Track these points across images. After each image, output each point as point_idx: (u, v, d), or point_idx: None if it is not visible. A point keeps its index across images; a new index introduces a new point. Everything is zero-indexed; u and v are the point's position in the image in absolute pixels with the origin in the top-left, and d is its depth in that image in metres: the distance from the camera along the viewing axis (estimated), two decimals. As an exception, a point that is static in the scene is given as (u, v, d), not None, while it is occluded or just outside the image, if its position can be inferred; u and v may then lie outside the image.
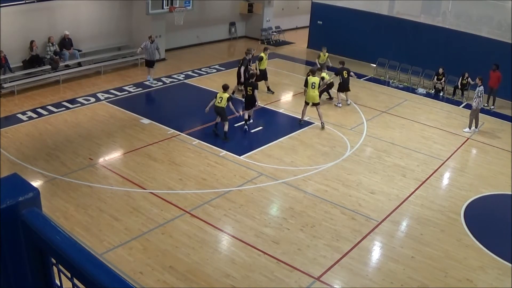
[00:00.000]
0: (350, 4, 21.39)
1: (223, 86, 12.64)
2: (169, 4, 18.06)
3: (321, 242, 8.59)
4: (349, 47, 21.29)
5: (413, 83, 18.61)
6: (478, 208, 10.29)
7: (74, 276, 1.32)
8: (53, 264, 1.47)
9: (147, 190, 9.91)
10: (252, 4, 24.10)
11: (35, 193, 1.47)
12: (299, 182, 10.68)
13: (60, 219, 8.57)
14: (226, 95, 12.41)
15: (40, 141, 11.86)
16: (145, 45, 16.21)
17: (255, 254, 8.12)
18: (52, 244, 1.36)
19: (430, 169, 11.72)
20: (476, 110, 13.99)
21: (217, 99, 12.39)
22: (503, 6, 18.48)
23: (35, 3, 15.22)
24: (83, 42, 17.37)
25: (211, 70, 18.91)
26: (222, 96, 12.37)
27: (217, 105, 12.36)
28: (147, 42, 16.21)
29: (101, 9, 17.87)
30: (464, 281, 7.80)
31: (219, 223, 8.98)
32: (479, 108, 14.01)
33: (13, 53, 14.98)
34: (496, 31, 18.61)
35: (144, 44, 16.27)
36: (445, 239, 8.94)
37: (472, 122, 14.18)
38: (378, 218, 9.49)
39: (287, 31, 25.44)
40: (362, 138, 13.32)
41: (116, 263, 7.51)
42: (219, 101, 12.35)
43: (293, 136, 13.06)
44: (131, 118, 13.65)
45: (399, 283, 7.67)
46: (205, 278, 7.47)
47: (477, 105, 13.89)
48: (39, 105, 14.08)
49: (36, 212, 1.44)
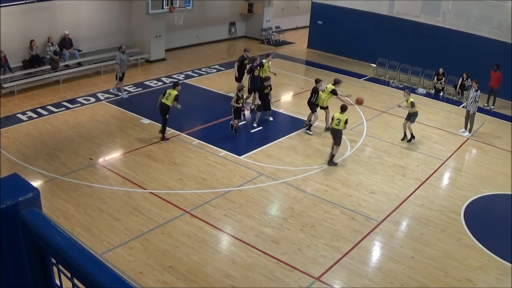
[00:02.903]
0: (350, 4, 21.38)
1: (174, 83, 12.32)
2: (169, 4, 18.06)
3: (321, 242, 8.59)
4: (349, 47, 21.30)
5: (413, 83, 18.60)
6: (478, 208, 10.29)
7: (74, 276, 1.32)
8: (53, 264, 1.47)
9: (147, 190, 9.91)
10: (252, 4, 24.09)
11: (35, 193, 1.47)
12: (299, 182, 10.68)
13: (60, 219, 8.57)
14: (175, 92, 11.85)
15: (40, 141, 11.86)
16: (119, 58, 14.71)
17: (255, 254, 8.12)
18: (52, 244, 1.36)
19: (430, 169, 11.72)
20: (474, 115, 13.85)
21: (163, 95, 11.96)
22: (503, 6, 18.48)
23: (35, 3, 15.22)
24: (83, 42, 17.37)
25: (211, 70, 18.92)
26: (170, 93, 11.84)
27: (164, 101, 11.85)
28: (119, 54, 14.75)
29: (101, 9, 17.86)
30: (464, 281, 7.80)
31: (219, 223, 8.98)
32: (475, 112, 13.84)
33: (13, 53, 14.98)
34: (496, 31, 18.62)
35: (117, 57, 14.79)
36: (445, 239, 8.94)
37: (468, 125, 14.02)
38: (378, 218, 9.49)
39: (287, 31, 25.44)
40: (362, 138, 13.32)
41: (116, 263, 7.51)
42: (166, 99, 11.85)
43: (293, 136, 13.06)
44: (131, 118, 13.65)
45: (399, 283, 7.66)
46: (205, 278, 7.47)
47: (474, 109, 13.73)
48: (39, 105, 14.08)
49: (36, 212, 1.44)
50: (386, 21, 20.61)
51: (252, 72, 14.58)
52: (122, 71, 14.92)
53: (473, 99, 13.71)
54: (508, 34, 17.26)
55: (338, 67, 19.92)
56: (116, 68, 15.05)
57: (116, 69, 15.01)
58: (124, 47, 15.08)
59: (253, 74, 14.50)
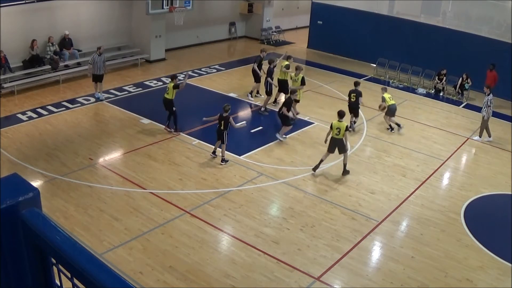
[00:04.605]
0: (350, 4, 21.38)
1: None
2: (169, 4, 18.06)
3: (321, 242, 8.59)
4: (349, 47, 21.30)
5: (413, 83, 18.60)
6: (478, 208, 10.28)
7: (74, 276, 1.32)
8: (53, 264, 1.47)
9: (147, 190, 9.91)
10: (252, 4, 24.09)
11: (35, 193, 1.47)
12: (299, 182, 10.68)
13: (60, 219, 8.57)
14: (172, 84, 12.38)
15: (40, 141, 11.86)
16: (93, 59, 14.36)
17: (255, 254, 8.12)
18: (52, 244, 1.36)
19: (430, 169, 11.72)
20: (487, 120, 13.47)
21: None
22: (503, 6, 18.48)
23: (35, 3, 15.22)
24: (83, 42, 17.37)
25: (211, 70, 18.91)
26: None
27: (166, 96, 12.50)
28: (95, 55, 14.39)
29: (101, 9, 17.86)
30: (464, 281, 7.80)
31: (219, 223, 8.98)
32: (489, 117, 13.47)
33: (13, 53, 14.98)
34: (496, 31, 18.62)
35: (91, 57, 14.46)
36: (445, 239, 8.94)
37: (484, 132, 13.65)
38: (378, 218, 9.49)
39: (287, 31, 25.44)
40: (362, 138, 13.32)
41: (116, 263, 7.51)
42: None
43: (293, 136, 13.06)
44: (131, 118, 13.65)
45: (399, 283, 7.66)
46: (205, 278, 7.47)
47: (487, 115, 13.37)
48: (39, 105, 14.08)
49: (36, 212, 1.44)
50: (386, 21, 20.61)
51: (270, 74, 14.75)
52: (99, 72, 14.46)
53: (485, 103, 13.39)
54: (508, 34, 17.26)
55: (338, 67, 19.92)
56: (88, 68, 14.69)
57: (89, 69, 14.66)
58: (102, 48, 14.63)
59: (271, 76, 14.74)
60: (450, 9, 20.52)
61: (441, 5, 20.84)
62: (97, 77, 14.59)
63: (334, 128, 10.75)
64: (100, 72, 14.52)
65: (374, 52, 20.11)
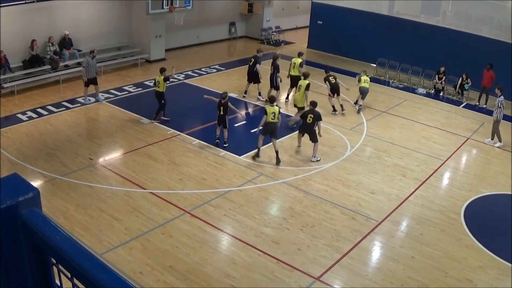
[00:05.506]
0: (350, 4, 21.38)
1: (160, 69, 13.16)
2: (169, 4, 18.06)
3: (321, 242, 8.59)
4: (349, 47, 21.30)
5: (413, 83, 18.61)
6: (478, 208, 10.28)
7: (74, 276, 1.32)
8: (53, 264, 1.47)
9: (147, 190, 9.91)
10: (252, 4, 24.09)
11: (35, 193, 1.47)
12: (299, 182, 10.68)
13: (60, 219, 8.57)
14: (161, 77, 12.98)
15: (40, 141, 11.86)
16: (87, 62, 13.93)
17: (255, 254, 8.12)
18: (52, 244, 1.36)
19: (430, 169, 11.72)
20: (498, 122, 13.20)
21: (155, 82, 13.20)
22: (503, 6, 18.48)
23: (35, 3, 15.21)
24: (83, 42, 17.37)
25: (211, 70, 18.91)
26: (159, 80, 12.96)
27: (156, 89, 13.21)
28: (88, 58, 14.01)
29: (101, 9, 17.86)
30: (464, 281, 7.80)
31: (219, 223, 8.98)
32: (499, 119, 13.20)
33: (13, 53, 14.98)
34: (496, 31, 18.61)
35: (85, 61, 14.04)
36: (445, 239, 8.94)
37: (495, 135, 13.42)
38: (378, 218, 9.49)
39: (287, 31, 25.44)
40: (362, 138, 13.32)
41: (116, 263, 7.51)
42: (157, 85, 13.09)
43: (293, 136, 13.04)
44: (131, 118, 13.65)
45: (399, 283, 7.67)
46: (205, 278, 7.47)
47: (498, 116, 13.10)
48: (39, 105, 14.08)
49: (36, 212, 1.44)
50: (386, 21, 20.61)
51: (278, 70, 15.35)
52: (91, 76, 14.08)
53: (496, 105, 13.18)
54: (508, 34, 17.25)
55: (338, 67, 19.90)
56: (82, 71, 14.30)
57: (83, 73, 14.22)
58: (96, 52, 14.39)
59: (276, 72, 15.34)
60: (450, 9, 20.51)
61: (441, 5, 20.83)
62: (91, 80, 14.20)
63: (269, 113, 11.32)
64: (94, 75, 14.20)
65: (374, 52, 20.11)
